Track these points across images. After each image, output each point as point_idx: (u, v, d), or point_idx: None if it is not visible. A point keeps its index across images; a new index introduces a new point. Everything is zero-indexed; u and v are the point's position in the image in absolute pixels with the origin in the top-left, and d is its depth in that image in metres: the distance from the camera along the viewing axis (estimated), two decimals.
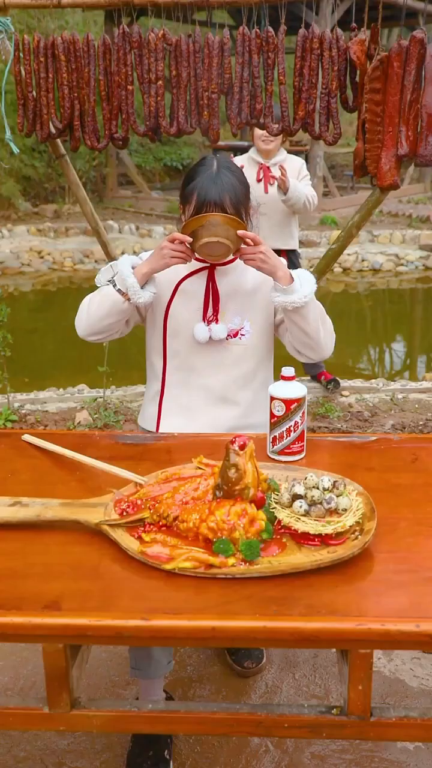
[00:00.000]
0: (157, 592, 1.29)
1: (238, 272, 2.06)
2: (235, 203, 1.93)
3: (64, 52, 3.27)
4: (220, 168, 1.96)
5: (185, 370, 2.05)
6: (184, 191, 1.99)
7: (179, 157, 13.75)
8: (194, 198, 1.93)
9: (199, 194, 1.92)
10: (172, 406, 2.08)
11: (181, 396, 2.06)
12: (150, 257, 1.95)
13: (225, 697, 2.10)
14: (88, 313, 2.01)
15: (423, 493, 1.64)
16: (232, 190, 1.93)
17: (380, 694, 2.10)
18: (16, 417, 3.99)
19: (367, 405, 4.22)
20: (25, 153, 11.30)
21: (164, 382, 2.08)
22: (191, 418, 2.04)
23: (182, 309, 2.03)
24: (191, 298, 2.04)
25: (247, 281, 2.05)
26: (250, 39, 3.14)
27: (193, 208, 1.93)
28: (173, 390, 2.07)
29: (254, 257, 1.89)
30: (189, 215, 1.95)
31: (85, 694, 1.94)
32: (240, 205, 1.95)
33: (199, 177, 1.95)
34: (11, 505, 1.54)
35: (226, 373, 2.04)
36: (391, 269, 9.26)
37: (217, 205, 1.90)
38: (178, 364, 2.06)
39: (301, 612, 1.23)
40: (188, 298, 2.04)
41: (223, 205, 1.91)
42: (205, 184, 1.92)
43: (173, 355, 2.05)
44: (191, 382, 2.06)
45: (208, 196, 1.91)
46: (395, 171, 3.11)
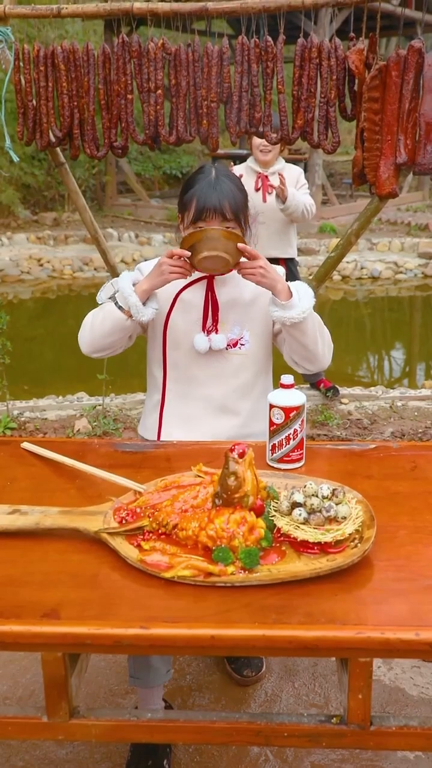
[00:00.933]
0: (156, 600, 1.29)
1: (236, 281, 2.06)
2: (234, 209, 1.94)
3: (64, 61, 3.29)
4: (218, 175, 1.97)
5: (185, 380, 2.05)
6: (182, 199, 2.00)
7: (178, 166, 13.79)
8: (193, 204, 1.94)
9: (198, 200, 1.93)
10: (172, 416, 2.08)
11: (182, 406, 2.07)
12: (149, 274, 1.95)
13: (224, 706, 2.09)
14: (92, 331, 2.01)
15: (422, 501, 1.63)
16: (232, 197, 1.94)
17: (380, 702, 2.10)
18: (16, 425, 3.99)
19: (367, 413, 4.22)
20: (25, 161, 11.33)
21: (164, 393, 2.08)
22: (192, 429, 2.04)
23: (181, 320, 2.03)
24: (190, 308, 2.04)
25: (246, 291, 2.05)
26: (249, 48, 3.15)
27: (192, 214, 1.94)
28: (173, 400, 2.08)
29: (254, 272, 1.89)
30: (188, 222, 1.96)
31: (84, 703, 1.93)
32: (239, 211, 1.96)
33: (198, 184, 1.95)
34: (10, 513, 1.54)
35: (225, 383, 2.04)
36: (390, 277, 9.28)
37: (217, 211, 1.91)
38: (178, 375, 2.06)
39: (301, 620, 1.23)
40: (187, 309, 2.04)
41: (222, 210, 1.91)
42: (204, 190, 1.93)
43: (173, 366, 2.05)
44: (191, 393, 2.05)
45: (208, 202, 1.91)
46: (394, 179, 3.12)
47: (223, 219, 1.93)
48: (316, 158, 10.32)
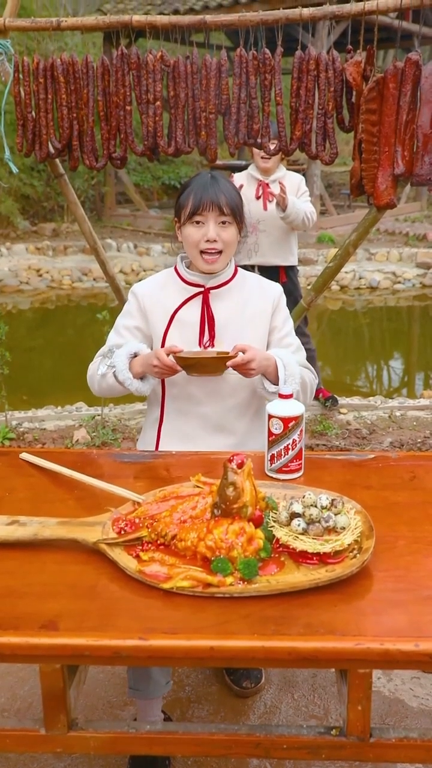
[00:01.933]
0: (154, 611, 1.29)
1: (233, 295, 2.08)
2: (231, 204, 1.98)
3: (64, 73, 3.31)
4: (214, 176, 2.03)
5: (183, 398, 2.06)
6: (178, 200, 2.04)
7: (177, 176, 13.84)
8: (190, 200, 1.98)
9: (195, 195, 1.97)
10: (170, 432, 2.09)
11: (180, 423, 2.07)
12: (144, 360, 1.96)
13: (223, 718, 2.08)
14: (100, 390, 2.10)
15: (421, 511, 1.63)
16: (228, 192, 1.99)
17: (380, 714, 2.09)
18: (14, 435, 3.99)
19: (365, 422, 4.22)
20: (24, 172, 11.37)
21: (163, 409, 2.09)
22: (189, 446, 2.04)
23: (178, 338, 2.04)
24: (186, 326, 2.05)
25: (246, 307, 2.08)
26: (248, 60, 3.17)
27: (189, 209, 1.98)
28: (172, 417, 2.08)
29: (246, 372, 1.92)
30: (185, 218, 2.00)
31: (83, 715, 1.92)
32: (235, 207, 2.00)
33: (194, 183, 2.02)
34: (9, 524, 1.53)
35: (222, 401, 2.05)
36: (389, 287, 9.30)
37: (214, 203, 1.95)
38: (177, 393, 2.06)
39: (300, 631, 1.23)
40: (184, 326, 2.05)
41: (219, 203, 1.96)
42: (201, 187, 1.99)
43: (171, 383, 2.06)
44: (189, 411, 2.06)
45: (205, 196, 1.96)
46: (392, 190, 3.14)
47: (219, 212, 1.97)
48: (314, 169, 10.36)
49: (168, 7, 10.70)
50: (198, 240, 2.00)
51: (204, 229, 1.99)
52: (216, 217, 1.97)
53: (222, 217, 1.98)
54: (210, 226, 1.98)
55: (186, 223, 2.01)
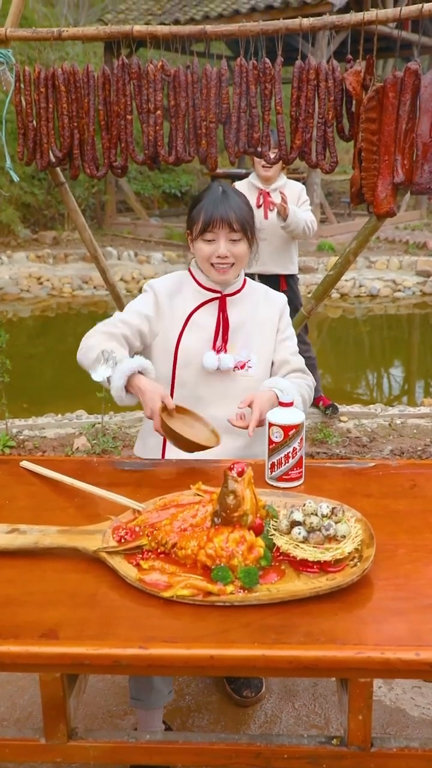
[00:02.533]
0: (155, 620, 1.28)
1: (246, 302, 2.13)
2: (241, 221, 2.02)
3: (65, 82, 3.32)
4: (225, 191, 2.06)
5: (192, 399, 2.06)
6: (190, 214, 2.08)
7: (177, 185, 13.88)
8: (201, 217, 2.02)
9: (205, 212, 2.01)
10: None
11: None
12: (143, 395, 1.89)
13: (224, 727, 2.07)
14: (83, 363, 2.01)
15: (421, 519, 1.63)
16: (239, 209, 2.02)
17: (381, 723, 2.08)
18: (14, 443, 3.99)
19: (366, 430, 4.22)
20: (25, 180, 11.41)
21: None
22: None
23: (193, 340, 2.07)
24: (202, 328, 2.08)
25: (256, 314, 2.12)
26: (248, 70, 3.18)
27: (200, 226, 2.02)
28: None
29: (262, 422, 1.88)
30: (196, 234, 2.03)
31: (83, 724, 1.92)
32: (246, 223, 2.04)
33: (206, 199, 2.05)
34: (9, 532, 1.53)
35: (232, 404, 2.02)
36: (389, 295, 9.31)
37: (224, 221, 1.99)
38: (186, 394, 2.07)
39: (300, 640, 1.22)
40: (199, 329, 2.08)
41: (229, 221, 1.99)
42: (212, 203, 2.02)
43: (181, 384, 2.07)
44: (198, 412, 2.05)
45: (215, 213, 2.00)
46: (391, 199, 3.14)
47: (230, 230, 2.00)
48: (315, 177, 10.40)
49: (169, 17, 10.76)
50: (209, 255, 2.04)
51: (215, 246, 2.03)
52: (227, 234, 2.01)
53: (232, 234, 2.02)
54: (221, 243, 2.02)
55: (198, 239, 2.05)
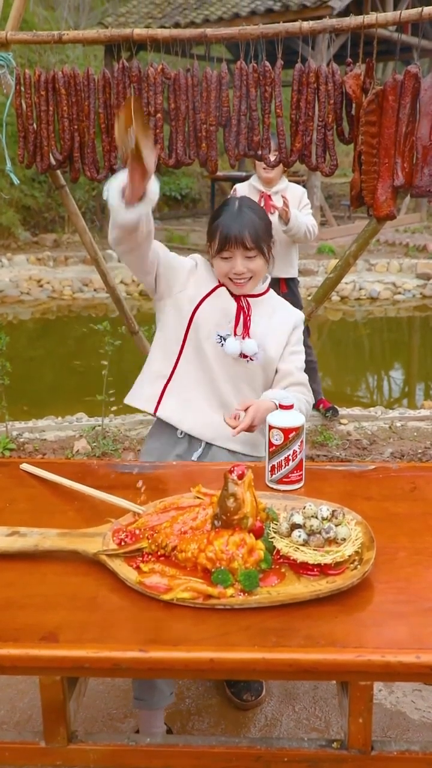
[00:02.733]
0: (155, 623, 1.28)
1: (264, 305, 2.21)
2: (254, 239, 2.08)
3: (65, 85, 3.33)
4: (241, 207, 2.13)
5: (199, 364, 2.14)
6: (209, 228, 2.17)
7: (178, 188, 13.89)
8: (218, 234, 2.10)
9: (222, 231, 2.09)
10: (175, 392, 2.15)
11: (188, 387, 2.15)
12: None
13: (224, 731, 2.07)
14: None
15: (422, 522, 1.63)
16: (252, 227, 2.09)
17: (381, 727, 2.08)
18: (15, 445, 3.98)
19: (366, 433, 4.22)
20: (25, 183, 11.41)
21: (176, 367, 2.16)
22: (187, 415, 2.12)
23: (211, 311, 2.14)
24: (225, 304, 2.15)
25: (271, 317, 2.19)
26: (248, 73, 3.19)
27: (217, 244, 2.11)
28: (183, 378, 2.15)
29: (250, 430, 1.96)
30: (215, 252, 2.13)
31: (83, 727, 1.92)
32: (260, 240, 2.10)
33: (223, 216, 2.13)
34: (9, 534, 1.53)
35: (232, 385, 2.15)
36: (389, 297, 9.31)
37: (238, 241, 2.07)
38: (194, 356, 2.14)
39: (300, 643, 1.22)
40: (220, 303, 2.15)
41: (243, 240, 2.07)
42: (227, 221, 2.10)
43: (192, 345, 2.14)
44: (200, 379, 2.15)
45: (230, 233, 2.08)
46: (391, 202, 3.15)
47: (244, 248, 2.08)
48: (315, 180, 10.41)
49: (169, 21, 10.78)
50: (227, 272, 2.13)
51: (232, 263, 2.11)
52: (242, 253, 2.09)
53: (247, 252, 2.09)
54: (237, 261, 2.10)
55: (216, 256, 2.14)
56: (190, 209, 13.96)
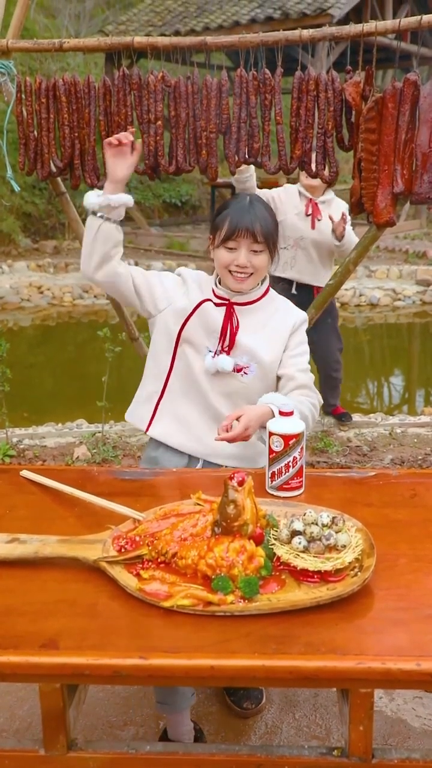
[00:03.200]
0: (155, 630, 1.28)
1: (257, 313, 2.13)
2: (265, 233, 2.03)
3: (66, 93, 3.34)
4: (252, 201, 2.08)
5: (189, 380, 2.10)
6: (215, 220, 2.09)
7: (178, 194, 13.92)
8: (226, 224, 2.03)
9: (231, 220, 2.02)
10: (168, 410, 2.13)
11: (179, 404, 2.12)
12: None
13: (224, 738, 2.06)
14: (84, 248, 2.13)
15: (422, 528, 1.63)
16: (264, 220, 2.04)
17: (382, 734, 2.07)
18: (15, 452, 3.98)
19: (366, 439, 4.22)
20: (26, 190, 11.44)
21: (166, 385, 2.13)
22: (183, 431, 2.10)
23: (198, 326, 2.10)
24: (209, 321, 2.09)
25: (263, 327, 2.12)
26: (248, 80, 3.20)
27: (225, 233, 2.03)
28: (174, 395, 2.13)
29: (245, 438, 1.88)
30: (219, 241, 2.05)
31: (82, 735, 1.91)
32: (269, 236, 2.05)
33: (232, 207, 2.07)
34: (9, 541, 1.53)
35: (224, 399, 2.09)
36: (389, 304, 9.32)
37: (249, 231, 2.00)
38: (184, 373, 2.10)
39: (301, 650, 1.22)
40: (206, 319, 2.10)
41: (254, 231, 2.01)
42: (238, 211, 2.04)
43: (181, 362, 2.11)
44: (191, 395, 2.11)
45: (241, 223, 2.01)
46: (391, 208, 3.15)
47: (253, 240, 2.02)
48: None
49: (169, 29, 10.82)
50: (229, 262, 2.06)
51: (235, 254, 2.04)
52: (249, 245, 2.03)
53: (255, 245, 2.03)
54: (242, 252, 2.03)
55: (220, 246, 2.06)
56: (191, 216, 13.99)
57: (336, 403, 4.54)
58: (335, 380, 4.51)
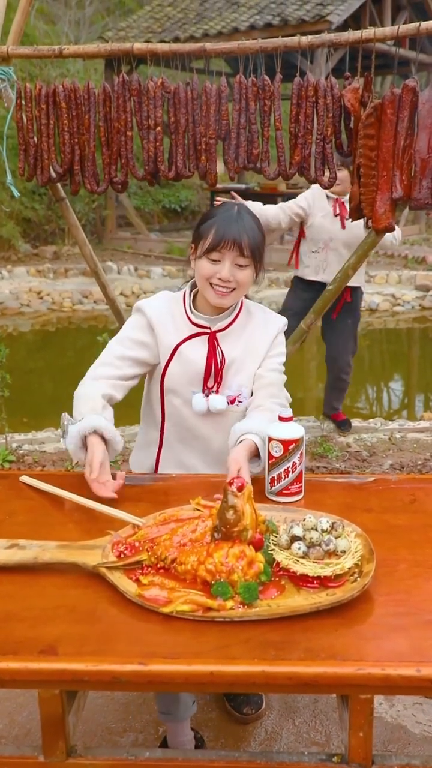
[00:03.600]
0: (154, 635, 1.28)
1: (237, 333, 2.02)
2: (252, 246, 1.89)
3: (65, 99, 3.35)
4: (240, 212, 1.93)
5: (184, 427, 2.03)
6: (198, 229, 1.95)
7: (177, 200, 13.96)
8: (211, 233, 1.88)
9: (217, 230, 1.87)
10: (170, 459, 2.07)
11: (179, 452, 2.06)
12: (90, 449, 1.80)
13: (224, 745, 2.06)
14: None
15: (422, 534, 1.63)
16: (252, 233, 1.90)
17: (382, 740, 2.06)
18: (14, 457, 3.98)
19: (366, 445, 4.22)
20: (26, 196, 11.47)
21: (163, 434, 2.07)
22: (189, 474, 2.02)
23: (180, 373, 1.99)
24: (191, 363, 1.98)
25: (248, 343, 2.02)
26: (247, 87, 3.21)
27: (209, 243, 1.88)
28: (172, 443, 2.06)
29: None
30: (202, 252, 1.91)
31: (82, 741, 1.90)
32: (256, 250, 1.91)
33: (219, 216, 1.91)
34: (8, 547, 1.53)
35: (223, 436, 1.98)
36: (388, 309, 9.33)
37: (236, 243, 1.86)
38: (176, 423, 2.04)
39: (300, 656, 1.22)
40: (187, 362, 1.98)
41: (240, 244, 1.87)
42: (225, 221, 1.89)
43: (170, 414, 2.03)
44: (189, 441, 2.04)
45: (227, 233, 1.87)
46: (390, 214, 3.16)
47: (239, 253, 1.88)
48: None
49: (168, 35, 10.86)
50: (211, 275, 1.91)
51: (219, 267, 1.90)
52: (234, 258, 1.89)
53: (240, 258, 1.89)
54: (226, 265, 1.89)
55: (203, 256, 1.91)
56: (190, 221, 14.02)
57: (338, 408, 4.52)
58: (344, 383, 4.48)
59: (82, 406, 1.89)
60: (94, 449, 1.79)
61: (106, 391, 1.94)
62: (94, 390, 1.93)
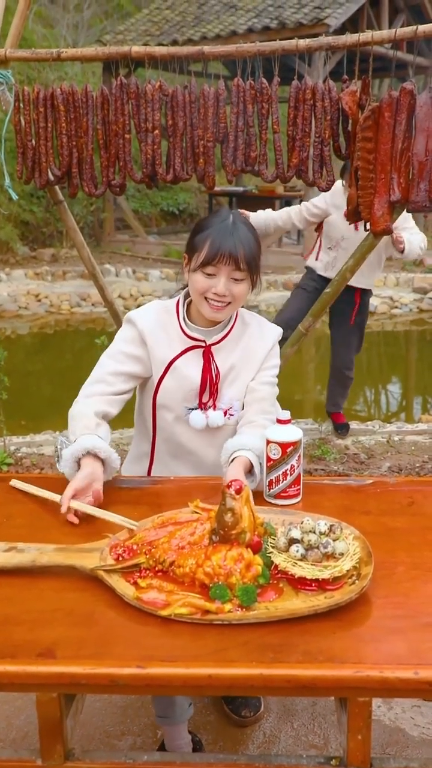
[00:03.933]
0: (152, 638, 1.28)
1: (232, 345, 1.99)
2: (248, 259, 1.85)
3: (63, 102, 3.35)
4: (235, 221, 1.87)
5: (175, 442, 2.02)
6: (193, 240, 1.90)
7: (175, 203, 13.96)
8: (206, 246, 1.83)
9: (212, 243, 1.82)
10: (161, 473, 2.06)
11: (172, 465, 2.05)
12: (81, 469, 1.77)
13: (222, 748, 2.06)
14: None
15: (420, 536, 1.63)
16: (248, 245, 1.85)
17: (380, 743, 2.06)
18: (12, 460, 3.98)
19: (364, 447, 4.22)
20: (24, 199, 11.47)
21: (154, 447, 2.05)
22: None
23: (174, 389, 1.96)
24: (184, 377, 1.95)
25: (240, 357, 1.98)
26: (245, 90, 3.21)
27: (204, 256, 1.84)
28: (163, 457, 2.05)
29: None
30: (197, 265, 1.86)
31: (79, 745, 1.90)
32: (252, 262, 1.87)
33: (214, 227, 1.86)
34: (6, 550, 1.53)
35: (215, 451, 1.96)
36: (386, 312, 9.34)
37: (231, 257, 1.82)
38: (168, 436, 2.02)
39: (298, 659, 1.22)
40: (181, 378, 1.95)
41: (236, 258, 1.82)
42: (221, 234, 1.83)
43: (162, 429, 2.02)
44: (181, 456, 2.03)
45: (223, 247, 1.82)
46: (388, 217, 3.16)
47: (235, 267, 1.84)
48: (311, 196, 10.46)
49: (166, 38, 10.87)
50: (205, 289, 1.87)
51: (214, 281, 1.85)
52: (230, 272, 1.84)
53: (236, 272, 1.85)
54: (221, 280, 1.85)
55: (197, 270, 1.86)
56: (188, 224, 14.02)
57: (342, 405, 4.51)
58: (348, 379, 4.49)
59: (75, 426, 1.86)
60: (78, 474, 1.75)
61: (99, 408, 1.91)
62: (88, 408, 1.90)
